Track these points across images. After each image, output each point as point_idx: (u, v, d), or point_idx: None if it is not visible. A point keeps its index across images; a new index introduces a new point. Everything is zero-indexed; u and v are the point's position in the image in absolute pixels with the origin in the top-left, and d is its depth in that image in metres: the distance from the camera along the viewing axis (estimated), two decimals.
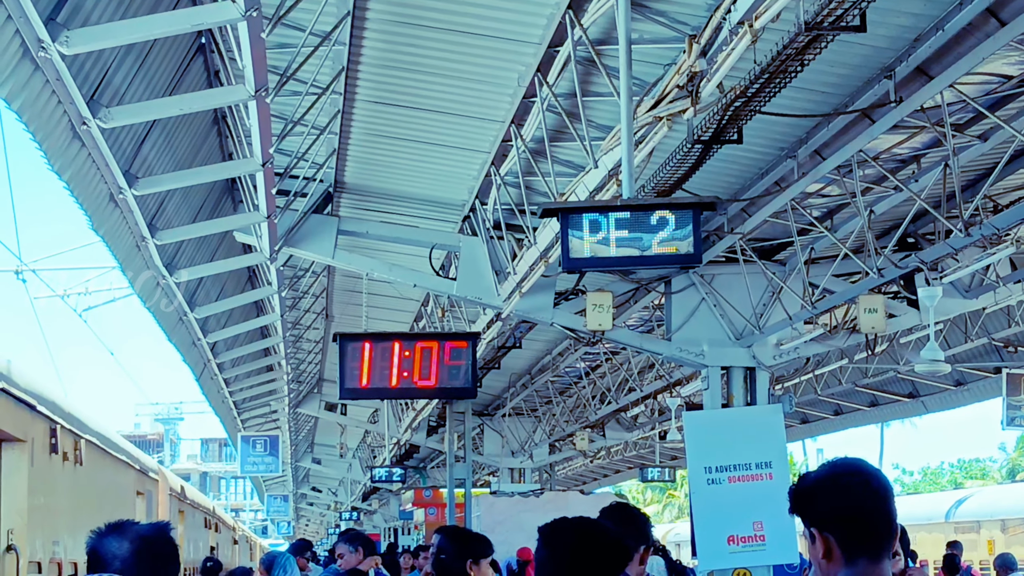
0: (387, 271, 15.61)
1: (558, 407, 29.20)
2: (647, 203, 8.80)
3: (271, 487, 59.52)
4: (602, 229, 8.70)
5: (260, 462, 34.39)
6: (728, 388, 15.38)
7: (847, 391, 25.62)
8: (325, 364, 28.00)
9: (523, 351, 22.44)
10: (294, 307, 21.65)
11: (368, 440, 38.56)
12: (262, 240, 14.14)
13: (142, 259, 14.14)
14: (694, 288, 15.55)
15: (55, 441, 10.97)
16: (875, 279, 13.33)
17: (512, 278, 14.36)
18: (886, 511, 3.56)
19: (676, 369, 22.03)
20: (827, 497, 3.57)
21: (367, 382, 15.26)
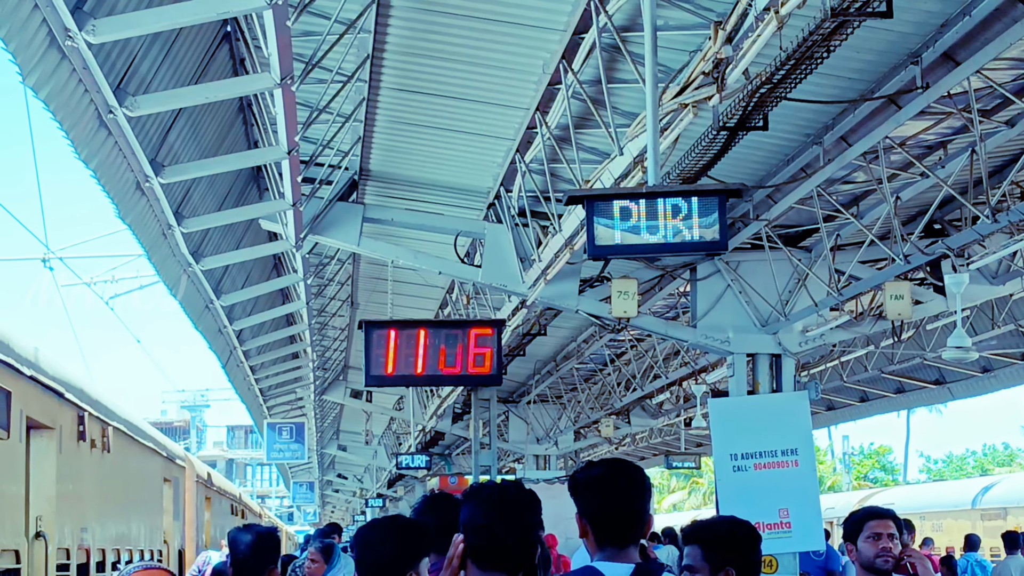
0: (412, 258, 15.63)
1: (583, 394, 29.20)
2: (673, 190, 8.78)
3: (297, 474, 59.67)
4: (627, 216, 8.69)
5: (286, 449, 34.47)
6: (754, 375, 15.35)
7: (873, 378, 25.54)
8: (350, 351, 28.05)
9: (548, 338, 22.44)
10: (319, 294, 21.69)
11: (393, 427, 38.64)
12: (287, 228, 14.16)
13: (168, 247, 14.18)
14: (719, 275, 15.52)
15: (83, 428, 11.04)
16: (901, 266, 13.28)
17: (537, 265, 14.36)
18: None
19: (701, 356, 21.99)
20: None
21: (392, 369, 15.26)
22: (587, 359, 25.79)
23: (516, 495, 4.39)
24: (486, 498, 4.36)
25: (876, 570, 6.60)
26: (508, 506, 4.33)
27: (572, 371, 26.97)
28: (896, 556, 6.63)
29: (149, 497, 15.94)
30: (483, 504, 4.34)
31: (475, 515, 4.32)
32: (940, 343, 19.78)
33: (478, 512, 4.32)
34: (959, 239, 13.22)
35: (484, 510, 4.32)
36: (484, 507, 4.33)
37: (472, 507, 4.35)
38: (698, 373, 23.38)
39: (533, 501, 4.42)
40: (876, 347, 21.60)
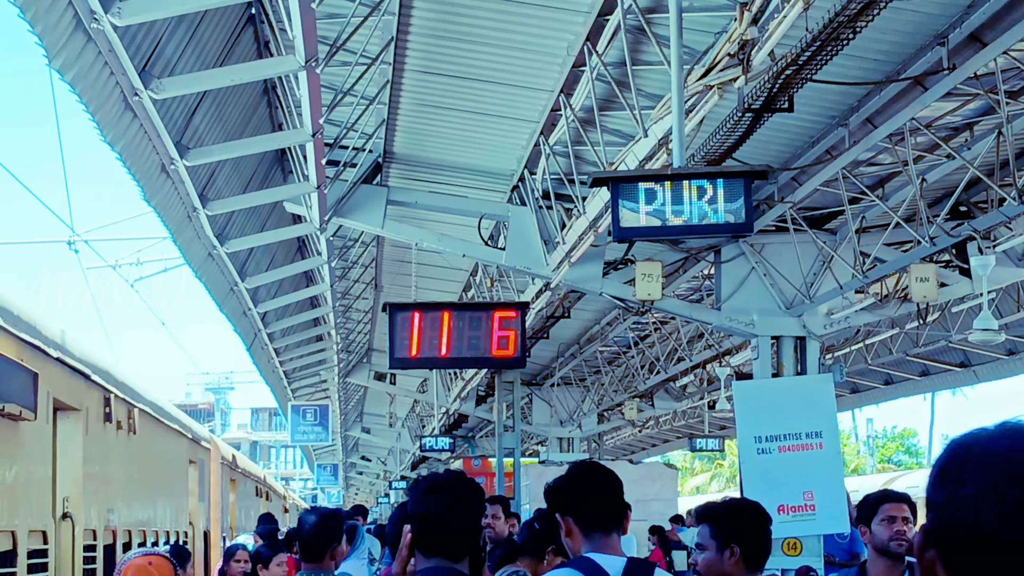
0: (436, 241, 15.64)
1: (607, 376, 29.21)
2: (698, 172, 8.78)
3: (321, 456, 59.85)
4: (652, 198, 8.68)
5: (310, 431, 34.57)
6: (778, 357, 15.32)
7: (898, 360, 25.47)
8: (374, 334, 28.12)
9: (572, 321, 22.43)
10: (343, 277, 21.73)
11: (417, 409, 38.71)
12: (312, 210, 14.19)
13: (193, 230, 14.22)
14: (744, 257, 15.48)
15: (109, 410, 11.08)
16: (927, 248, 13.23)
17: (561, 248, 14.35)
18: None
19: (725, 339, 21.98)
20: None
21: (416, 352, 15.31)
22: (611, 342, 25.80)
23: (459, 485, 4.54)
24: (429, 489, 4.50)
25: (890, 553, 6.61)
26: (451, 496, 4.47)
27: (596, 354, 26.97)
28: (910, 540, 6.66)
29: (175, 479, 16.01)
30: (427, 495, 4.49)
31: (420, 506, 4.48)
32: (965, 326, 19.71)
33: (423, 503, 4.47)
34: (985, 221, 13.16)
35: (428, 501, 4.47)
36: (428, 498, 4.48)
37: (417, 498, 4.51)
38: (722, 356, 23.36)
39: (476, 491, 4.59)
40: (901, 330, 21.54)
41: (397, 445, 45.43)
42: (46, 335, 9.11)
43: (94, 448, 10.60)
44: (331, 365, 29.34)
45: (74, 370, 9.97)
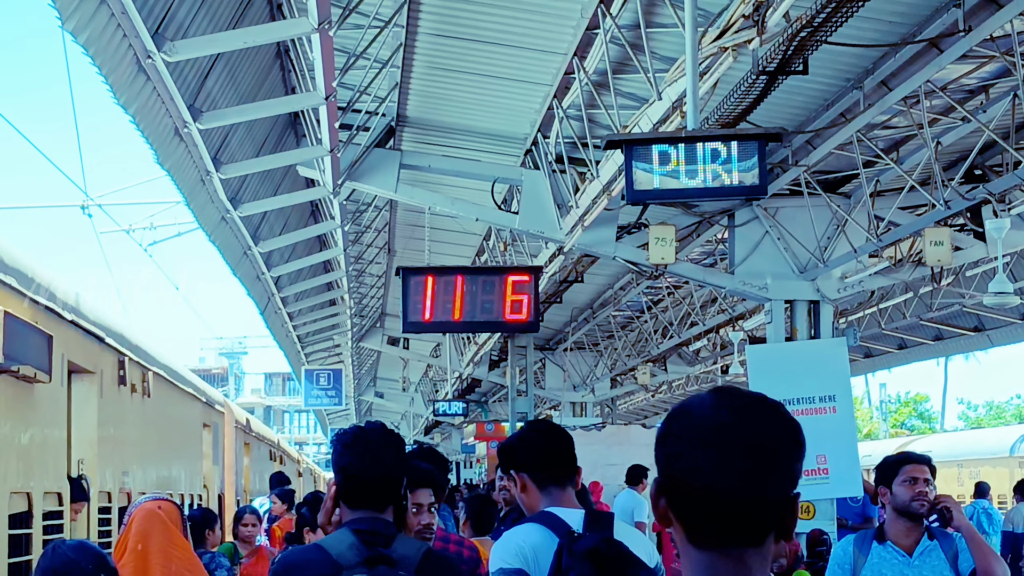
0: (449, 205, 15.63)
1: (620, 341, 29.22)
2: (712, 134, 8.75)
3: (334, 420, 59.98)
4: (666, 161, 8.66)
5: (323, 396, 34.64)
6: (792, 322, 15.30)
7: (911, 325, 25.43)
8: (387, 298, 28.13)
9: (585, 285, 22.42)
10: (357, 241, 21.73)
11: (430, 374, 38.79)
12: (325, 174, 14.18)
13: (207, 193, 14.22)
14: (758, 221, 15.45)
15: (123, 373, 11.11)
16: (941, 211, 13.19)
17: (574, 212, 14.33)
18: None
19: (739, 303, 21.96)
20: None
21: (430, 315, 15.29)
22: (624, 306, 25.79)
23: (379, 438, 4.64)
24: (351, 442, 4.61)
25: (911, 514, 6.65)
26: (371, 448, 4.59)
27: (609, 318, 26.97)
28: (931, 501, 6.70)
29: (189, 442, 16.06)
30: (349, 448, 4.60)
31: (343, 459, 4.59)
32: (980, 289, 19.68)
33: (345, 456, 4.59)
34: (1000, 184, 13.11)
35: (350, 453, 4.58)
36: (350, 451, 4.59)
37: (340, 451, 4.61)
38: (735, 320, 23.34)
39: (397, 442, 4.70)
40: (915, 294, 21.52)
41: (411, 410, 45.53)
42: (60, 298, 9.13)
43: (109, 411, 10.64)
44: (344, 329, 29.37)
45: (88, 333, 9.99)
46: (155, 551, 6.46)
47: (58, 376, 8.90)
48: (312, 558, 4.51)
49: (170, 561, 6.48)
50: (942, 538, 6.70)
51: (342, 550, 4.45)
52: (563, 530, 4.80)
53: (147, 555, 6.45)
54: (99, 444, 10.22)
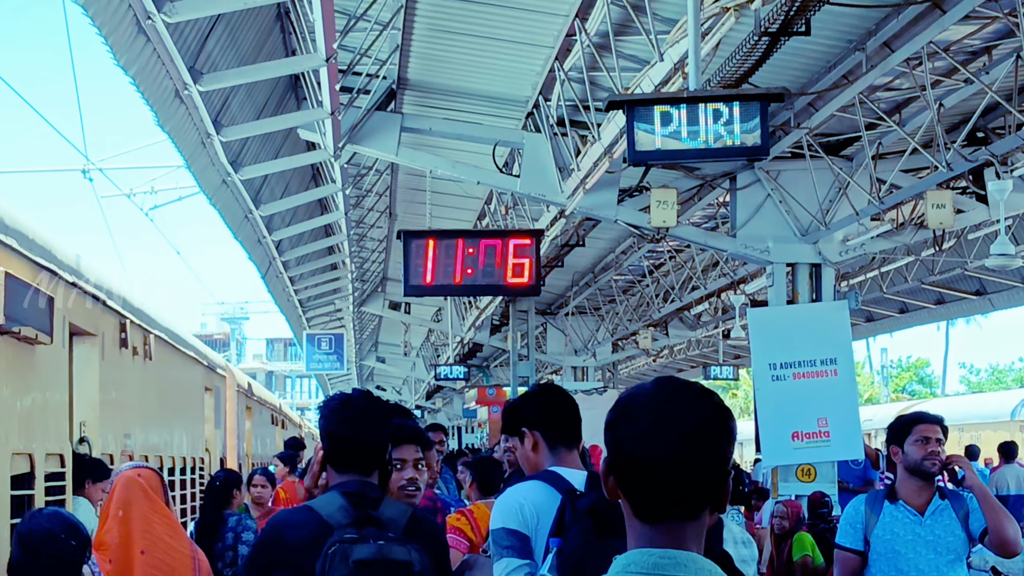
0: (450, 168, 15.59)
1: (621, 306, 29.23)
2: (714, 94, 8.72)
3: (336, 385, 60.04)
4: (668, 122, 8.63)
5: (325, 360, 34.67)
6: (793, 285, 15.30)
7: (913, 289, 25.44)
8: (389, 263, 28.12)
9: (586, 249, 22.41)
10: (358, 205, 21.70)
11: (432, 339, 38.79)
12: (326, 137, 14.14)
13: (207, 156, 14.19)
14: (759, 184, 15.43)
15: (125, 336, 11.11)
16: (944, 173, 13.17)
17: (576, 175, 14.30)
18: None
19: (740, 266, 21.95)
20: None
21: (431, 279, 15.28)
22: (625, 270, 25.79)
23: (365, 404, 4.81)
24: (338, 408, 4.77)
25: (922, 473, 6.66)
26: (357, 414, 4.74)
27: (610, 282, 26.97)
28: (943, 460, 6.71)
29: (191, 405, 16.08)
30: (336, 414, 4.76)
31: (330, 424, 4.76)
32: (982, 253, 19.67)
33: (333, 421, 4.75)
34: (1003, 145, 13.10)
35: (337, 419, 4.75)
36: (337, 416, 4.75)
37: (328, 416, 4.78)
38: (737, 284, 23.34)
39: (382, 409, 4.88)
40: (917, 257, 21.51)
41: (412, 375, 45.59)
42: (61, 259, 9.12)
43: (110, 373, 10.65)
44: (346, 294, 29.38)
45: (89, 295, 9.99)
46: (136, 517, 6.63)
47: (59, 338, 8.89)
48: (303, 519, 4.62)
49: (150, 526, 6.64)
50: (953, 498, 6.72)
51: (332, 511, 4.58)
52: (566, 488, 4.89)
53: (128, 521, 6.61)
54: (101, 407, 10.23)
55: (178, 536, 6.82)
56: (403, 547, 4.55)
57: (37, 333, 8.08)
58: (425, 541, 4.70)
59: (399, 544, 4.55)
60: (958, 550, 6.61)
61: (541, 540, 4.83)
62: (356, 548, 4.46)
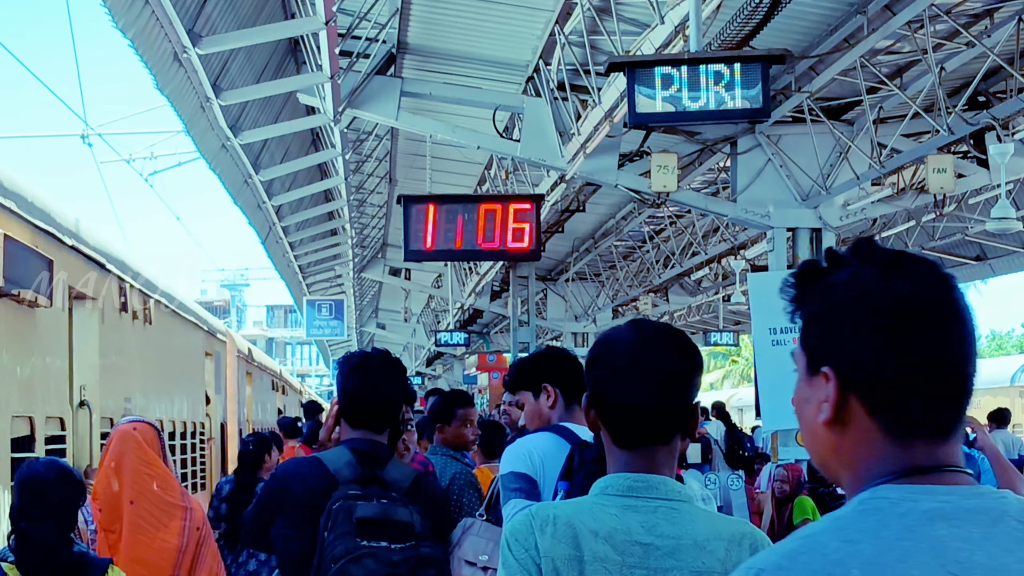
0: (451, 133, 15.55)
1: (622, 271, 29.21)
2: (715, 56, 8.69)
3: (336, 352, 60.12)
4: (669, 84, 8.61)
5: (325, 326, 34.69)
6: (794, 249, 15.28)
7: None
8: (389, 229, 28.09)
9: (587, 215, 22.37)
10: (358, 170, 21.67)
11: (432, 305, 38.79)
12: (325, 101, 14.11)
13: (207, 120, 14.16)
14: (760, 149, 15.39)
15: (125, 300, 11.11)
16: (945, 136, 13.13)
17: (576, 139, 14.26)
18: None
19: (741, 231, 21.93)
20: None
21: (431, 244, 15.27)
22: (626, 236, 25.76)
23: (382, 363, 4.94)
24: (357, 366, 4.91)
25: None
26: (374, 373, 4.89)
27: (611, 248, 26.95)
28: None
29: (191, 370, 16.08)
30: (354, 371, 4.90)
31: (348, 381, 4.89)
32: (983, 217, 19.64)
33: (350, 379, 4.88)
34: (1004, 109, 13.06)
35: (355, 376, 4.88)
36: (355, 374, 4.89)
37: (346, 373, 4.92)
38: (737, 249, 23.32)
39: (399, 369, 5.00)
40: (917, 222, 21.47)
41: (412, 341, 45.58)
42: (60, 223, 9.11)
43: (110, 337, 10.65)
44: (346, 260, 29.36)
45: (89, 259, 9.98)
46: (127, 469, 6.86)
47: (59, 301, 8.89)
48: (311, 470, 4.74)
49: (139, 477, 6.84)
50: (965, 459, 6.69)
51: (339, 466, 4.69)
52: (575, 440, 4.99)
53: (119, 472, 6.86)
54: (101, 370, 10.23)
55: (170, 488, 6.98)
56: (406, 508, 4.65)
57: (37, 296, 8.07)
58: (427, 503, 4.81)
59: (402, 505, 4.65)
60: None
61: (548, 487, 4.95)
62: (360, 506, 4.56)
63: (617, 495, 3.00)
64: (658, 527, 2.96)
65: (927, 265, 2.01)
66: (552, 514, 3.00)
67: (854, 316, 1.95)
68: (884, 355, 1.90)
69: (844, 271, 1.99)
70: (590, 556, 2.93)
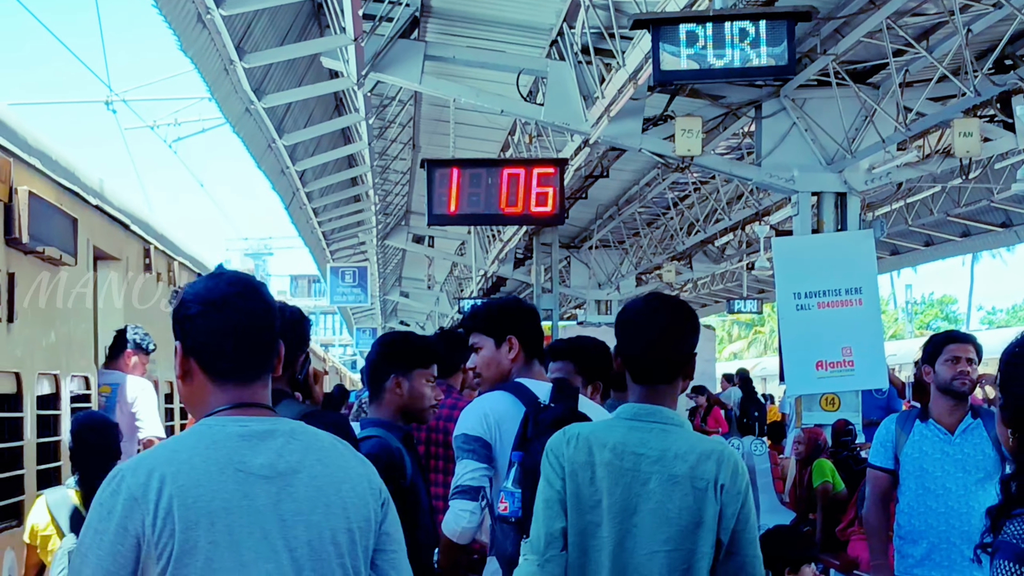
0: (474, 97, 15.49)
1: (645, 238, 29.16)
2: (741, 13, 8.64)
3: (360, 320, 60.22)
4: (693, 41, 8.56)
5: (349, 293, 34.67)
6: (818, 214, 15.23)
7: (939, 221, 25.29)
8: (412, 196, 28.06)
9: (610, 181, 22.32)
10: (381, 136, 21.64)
11: (455, 272, 38.79)
12: (349, 65, 14.07)
13: (230, 83, 14.14)
14: (785, 113, 15.31)
15: (149, 261, 11.12)
16: (971, 99, 13.03)
17: (600, 102, 14.20)
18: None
19: (765, 196, 21.86)
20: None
21: (455, 208, 15.25)
22: (649, 203, 25.71)
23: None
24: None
25: (952, 392, 6.64)
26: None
27: (634, 215, 26.89)
28: (974, 380, 6.69)
29: None
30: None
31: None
32: (1009, 183, 19.54)
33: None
34: None
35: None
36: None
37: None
38: (762, 215, 23.25)
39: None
40: (943, 188, 21.38)
41: (436, 309, 45.59)
42: (85, 182, 9.11)
43: (135, 297, 10.67)
44: (369, 227, 29.36)
45: (113, 219, 9.99)
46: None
47: (84, 260, 8.91)
48: None
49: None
50: (987, 417, 6.69)
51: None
52: (530, 400, 5.16)
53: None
54: None
55: None
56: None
57: (61, 254, 8.09)
58: None
59: None
60: (988, 469, 6.56)
61: (504, 451, 5.07)
62: None
63: (626, 419, 4.20)
64: (649, 442, 4.11)
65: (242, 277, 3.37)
66: (577, 432, 4.21)
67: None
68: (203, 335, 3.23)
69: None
70: (598, 461, 4.11)
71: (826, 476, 12.22)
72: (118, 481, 3.05)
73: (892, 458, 6.81)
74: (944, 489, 6.55)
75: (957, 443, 6.61)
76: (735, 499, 4.11)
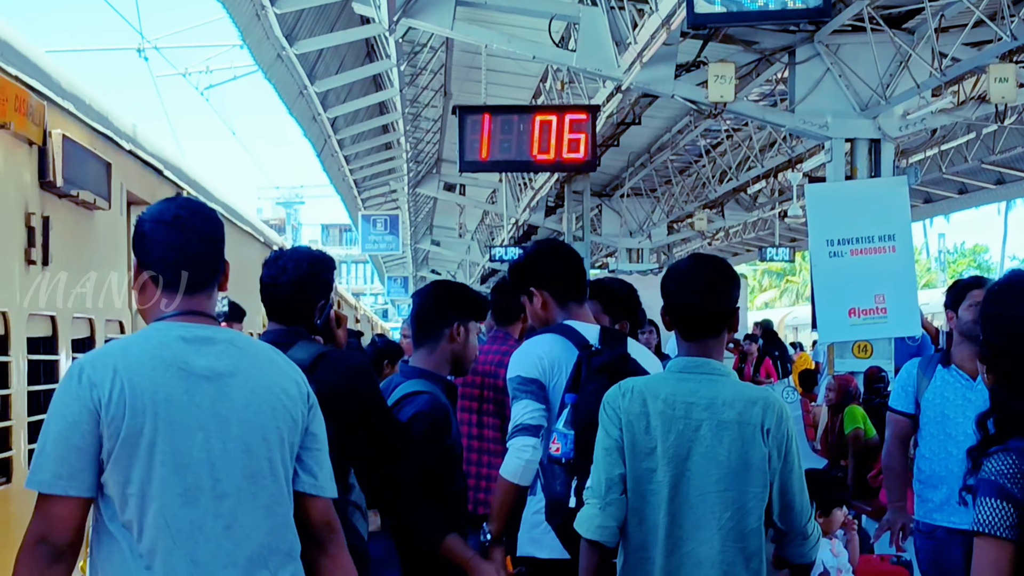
0: (506, 43, 15.42)
1: (677, 187, 29.07)
2: None
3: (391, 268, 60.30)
4: None
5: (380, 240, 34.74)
6: (852, 160, 15.13)
7: (973, 169, 25.12)
8: (443, 144, 28.03)
9: (642, 128, 22.24)
10: (412, 83, 21.60)
11: (487, 221, 38.78)
12: (380, 11, 14.03)
13: (262, 29, 14.13)
14: (819, 58, 15.18)
15: None
16: (1007, 43, 12.89)
17: (633, 48, 14.12)
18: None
19: (798, 143, 21.74)
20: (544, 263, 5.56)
21: (487, 155, 15.25)
22: (681, 150, 25.61)
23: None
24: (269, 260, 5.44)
25: (974, 337, 6.59)
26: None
27: (666, 163, 26.81)
28: None
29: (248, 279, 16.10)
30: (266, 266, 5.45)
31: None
32: None
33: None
34: None
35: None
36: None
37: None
38: (794, 162, 23.13)
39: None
40: (977, 135, 21.21)
41: (467, 258, 45.60)
42: (118, 126, 9.11)
43: None
44: (401, 175, 29.36)
45: (147, 164, 9.99)
46: None
47: (117, 205, 8.91)
48: None
49: None
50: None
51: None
52: (581, 343, 5.22)
53: None
54: None
55: None
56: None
57: (95, 198, 8.09)
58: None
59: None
60: None
61: (557, 393, 5.14)
62: None
63: (677, 371, 4.49)
64: (699, 391, 4.40)
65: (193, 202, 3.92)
66: (632, 385, 4.48)
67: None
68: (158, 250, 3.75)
69: None
70: (652, 411, 4.40)
71: (858, 423, 12.20)
72: (80, 369, 3.53)
73: (913, 402, 6.79)
74: (965, 435, 6.46)
75: (979, 389, 6.55)
76: (780, 442, 4.43)
